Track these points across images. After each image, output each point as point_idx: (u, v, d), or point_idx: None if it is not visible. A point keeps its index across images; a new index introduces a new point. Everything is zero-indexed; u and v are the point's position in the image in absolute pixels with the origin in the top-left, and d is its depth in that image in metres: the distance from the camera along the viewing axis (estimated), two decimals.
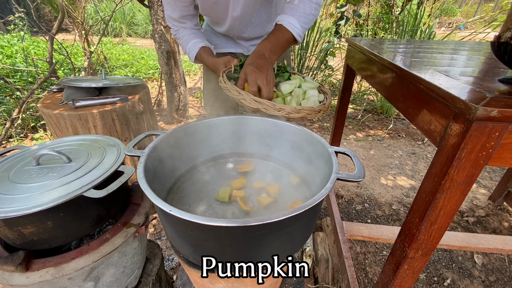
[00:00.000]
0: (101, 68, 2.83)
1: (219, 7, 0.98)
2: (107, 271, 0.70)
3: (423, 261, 0.62)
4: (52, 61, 2.26)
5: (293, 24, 0.90)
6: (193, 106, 3.31)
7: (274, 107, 0.72)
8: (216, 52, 1.21)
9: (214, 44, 1.21)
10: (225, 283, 0.61)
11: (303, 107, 0.75)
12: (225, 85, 0.80)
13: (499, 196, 1.72)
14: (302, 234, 0.56)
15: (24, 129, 2.47)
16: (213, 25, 1.16)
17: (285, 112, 0.73)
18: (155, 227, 1.56)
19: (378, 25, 3.37)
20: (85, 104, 1.19)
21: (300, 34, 0.92)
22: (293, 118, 0.75)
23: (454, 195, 0.51)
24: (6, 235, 0.61)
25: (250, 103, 0.73)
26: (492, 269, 1.35)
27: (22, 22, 3.79)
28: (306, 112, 0.74)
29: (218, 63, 0.99)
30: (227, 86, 0.79)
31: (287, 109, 0.73)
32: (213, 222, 0.39)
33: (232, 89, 0.77)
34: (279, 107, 0.72)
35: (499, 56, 0.57)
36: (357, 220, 1.67)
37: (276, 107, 0.72)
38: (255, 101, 0.72)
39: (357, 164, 0.57)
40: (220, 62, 0.98)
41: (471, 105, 0.42)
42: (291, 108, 0.73)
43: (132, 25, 8.36)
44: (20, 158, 0.74)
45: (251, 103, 0.73)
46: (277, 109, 0.72)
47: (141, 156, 0.58)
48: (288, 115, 0.73)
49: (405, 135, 2.73)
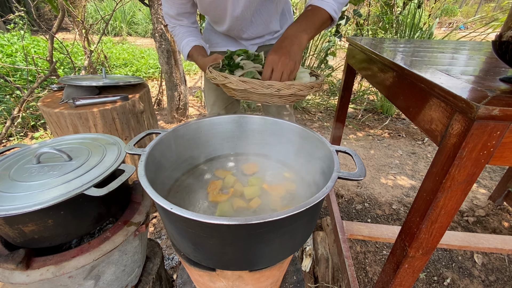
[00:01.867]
0: (102, 67, 2.83)
1: (217, 6, 0.98)
2: (107, 269, 0.70)
3: (424, 260, 0.62)
4: (52, 60, 2.26)
5: (325, 1, 0.81)
6: (193, 106, 3.31)
7: (262, 85, 0.69)
8: (216, 50, 1.21)
9: (215, 42, 1.21)
10: (225, 282, 0.61)
11: (294, 83, 0.71)
12: (211, 75, 0.77)
13: (499, 196, 1.72)
14: (303, 233, 0.56)
15: (24, 128, 2.47)
16: (214, 24, 1.16)
17: (275, 89, 0.69)
18: (155, 226, 1.56)
19: (378, 25, 3.36)
20: (86, 103, 1.18)
21: (335, 10, 0.82)
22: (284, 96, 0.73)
23: (455, 194, 0.51)
24: (7, 233, 0.61)
25: (237, 85, 0.70)
26: (492, 268, 1.35)
27: (22, 21, 3.79)
28: (297, 87, 0.71)
29: (206, 62, 0.97)
30: (213, 74, 0.76)
31: (276, 85, 0.69)
32: (214, 220, 0.39)
33: (218, 76, 0.74)
34: (268, 84, 0.69)
35: (500, 55, 0.56)
36: (357, 220, 1.67)
37: (265, 84, 0.69)
38: (242, 82, 0.70)
39: (358, 163, 0.57)
40: (208, 61, 0.96)
41: (473, 103, 0.42)
42: (281, 84, 0.69)
43: (132, 24, 8.35)
44: (20, 156, 0.74)
45: (238, 85, 0.70)
46: (266, 87, 0.69)
47: (142, 155, 0.58)
48: (279, 92, 0.70)
49: (405, 135, 2.73)
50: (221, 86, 0.78)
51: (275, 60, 0.73)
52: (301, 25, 0.79)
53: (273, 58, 0.73)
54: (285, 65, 0.73)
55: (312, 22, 0.79)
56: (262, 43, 1.20)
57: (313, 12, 0.81)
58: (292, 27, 0.79)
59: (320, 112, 3.22)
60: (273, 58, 0.73)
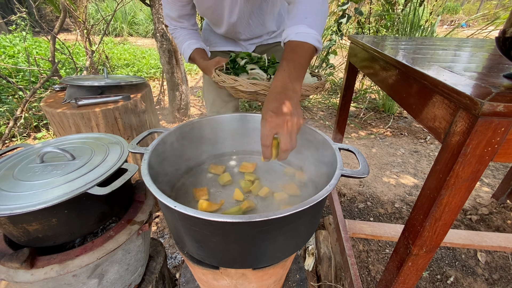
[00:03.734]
0: (103, 67, 2.84)
1: (213, 12, 0.99)
2: (111, 268, 0.70)
3: (427, 258, 0.62)
4: (54, 61, 2.27)
5: (303, 32, 0.69)
6: (195, 105, 3.32)
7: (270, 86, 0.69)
8: (215, 50, 1.22)
9: (213, 42, 1.22)
10: (229, 280, 0.61)
11: None
12: (219, 78, 0.77)
13: (502, 194, 1.71)
14: (307, 231, 0.56)
15: (26, 128, 2.48)
16: (212, 26, 1.17)
17: None
18: (157, 225, 1.56)
19: (380, 23, 3.35)
20: (88, 102, 1.19)
21: (318, 40, 0.70)
22: None
23: (459, 192, 0.51)
24: (11, 232, 0.62)
25: (247, 87, 0.71)
26: (495, 267, 1.35)
27: (24, 22, 3.80)
28: (304, 88, 0.73)
29: (209, 65, 0.95)
30: (221, 77, 0.76)
31: None
32: (218, 218, 0.39)
33: (227, 79, 0.75)
34: None
35: (504, 52, 0.56)
36: (359, 218, 1.67)
37: None
38: (253, 84, 0.70)
39: (361, 161, 0.57)
40: (211, 64, 0.94)
41: (477, 100, 0.41)
42: None
43: (133, 24, 8.37)
44: (24, 156, 0.74)
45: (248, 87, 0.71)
46: None
47: (145, 153, 0.58)
48: None
49: (407, 133, 2.72)
50: (229, 88, 0.78)
51: (279, 122, 0.57)
52: (290, 73, 0.64)
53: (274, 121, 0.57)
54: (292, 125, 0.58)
55: (300, 64, 0.66)
56: (260, 42, 1.22)
57: (296, 52, 0.68)
58: (280, 77, 0.64)
59: (322, 111, 3.21)
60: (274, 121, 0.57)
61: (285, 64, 0.65)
